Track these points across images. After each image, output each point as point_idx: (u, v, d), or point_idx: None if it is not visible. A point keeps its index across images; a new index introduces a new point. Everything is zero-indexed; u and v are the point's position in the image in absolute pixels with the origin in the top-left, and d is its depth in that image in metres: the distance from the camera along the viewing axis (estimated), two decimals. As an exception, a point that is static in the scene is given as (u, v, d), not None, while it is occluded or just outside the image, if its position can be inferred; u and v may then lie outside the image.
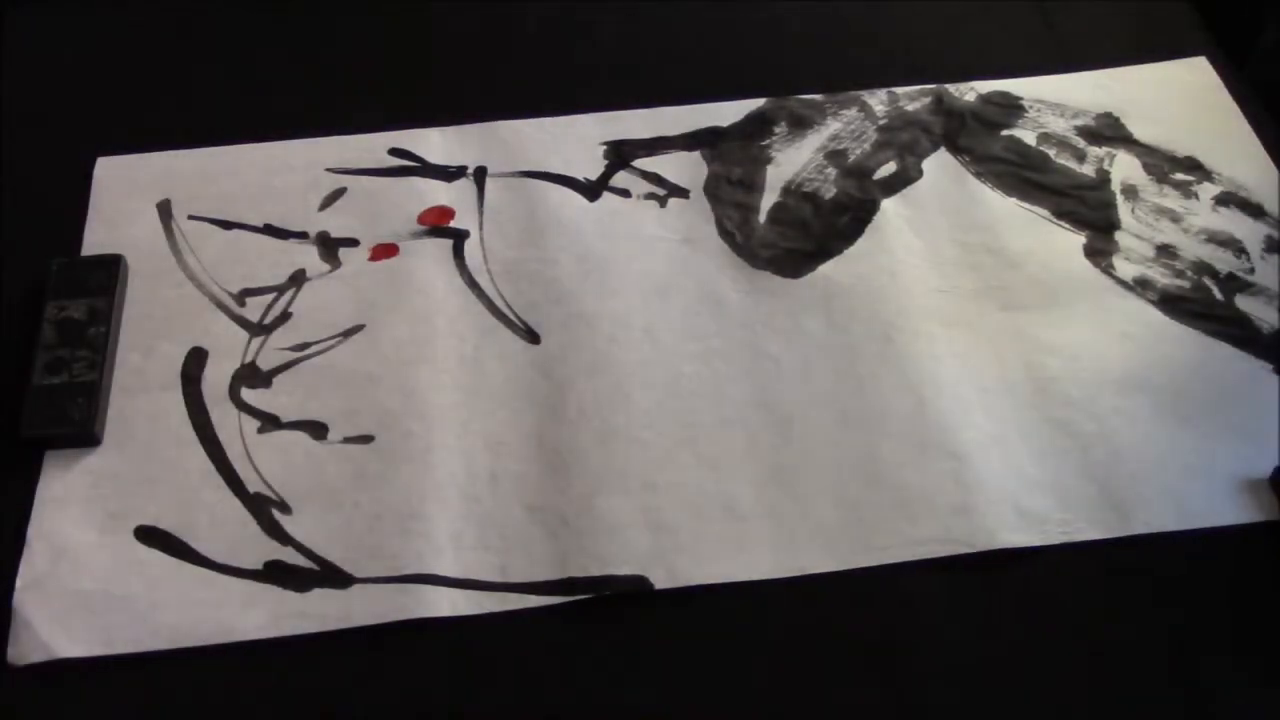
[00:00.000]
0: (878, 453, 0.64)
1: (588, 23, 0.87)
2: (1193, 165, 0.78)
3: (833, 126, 0.80)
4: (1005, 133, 0.80)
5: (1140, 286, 0.72)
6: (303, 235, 0.73)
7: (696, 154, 0.78)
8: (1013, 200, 0.76)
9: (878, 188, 0.77)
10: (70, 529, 0.61)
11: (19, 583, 0.59)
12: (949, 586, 0.60)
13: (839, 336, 0.69)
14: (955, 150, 0.79)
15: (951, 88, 0.82)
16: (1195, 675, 0.57)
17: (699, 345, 0.69)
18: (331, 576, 0.60)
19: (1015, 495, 0.63)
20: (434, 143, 0.78)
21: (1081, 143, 0.79)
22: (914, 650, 0.58)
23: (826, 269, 0.72)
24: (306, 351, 0.68)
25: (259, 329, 0.69)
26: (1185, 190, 0.76)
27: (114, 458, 0.64)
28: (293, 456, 0.64)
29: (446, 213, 0.75)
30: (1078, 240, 0.74)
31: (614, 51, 0.85)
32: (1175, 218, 0.75)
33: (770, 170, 0.77)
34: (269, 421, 0.65)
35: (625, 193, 0.76)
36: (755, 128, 0.80)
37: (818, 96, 0.82)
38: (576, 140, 0.79)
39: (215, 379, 0.67)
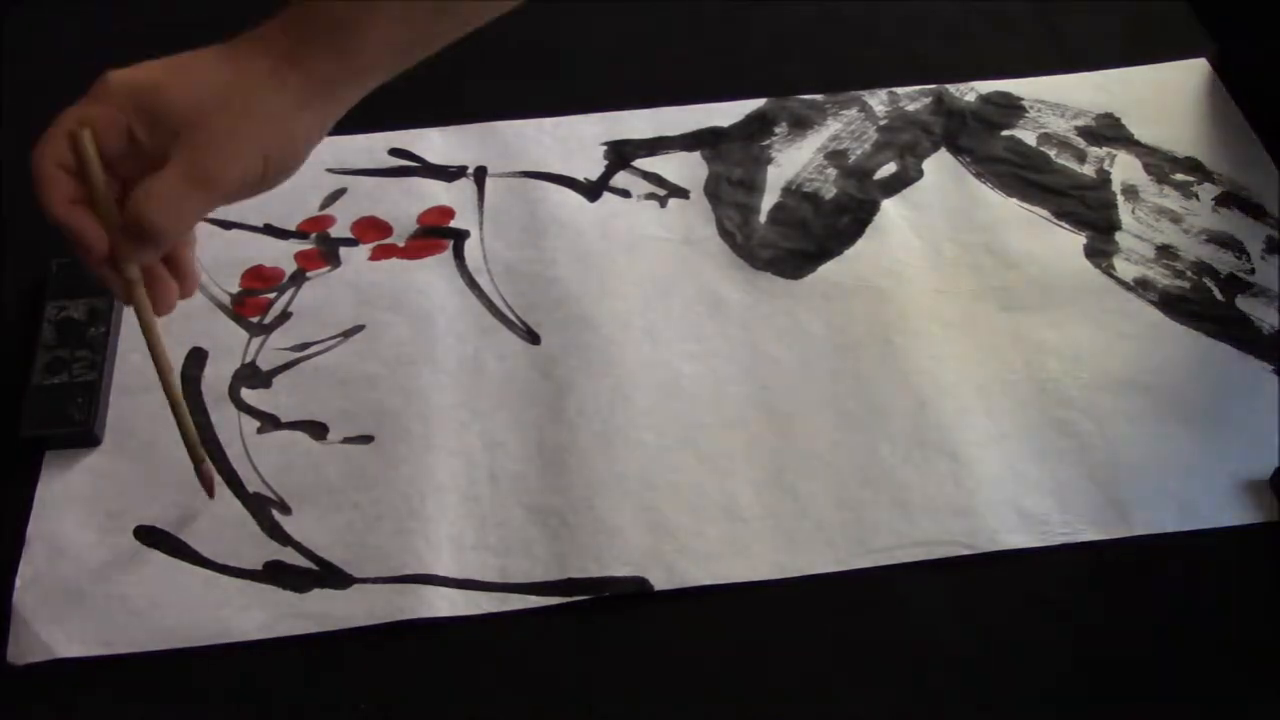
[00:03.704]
0: (878, 453, 0.64)
1: (588, 23, 0.87)
2: (1193, 166, 0.78)
3: (833, 127, 0.80)
4: (1006, 133, 0.80)
5: (1141, 287, 0.72)
6: (303, 235, 0.74)
7: (697, 154, 0.78)
8: (1013, 201, 0.76)
9: (878, 188, 0.77)
10: (70, 529, 0.61)
11: (19, 582, 0.59)
12: (949, 587, 0.60)
13: (839, 337, 0.69)
14: (956, 150, 0.79)
15: (952, 88, 0.82)
16: (1195, 676, 0.57)
17: (699, 345, 0.69)
18: (331, 577, 0.60)
19: (1015, 496, 0.62)
20: (434, 143, 0.78)
21: (1082, 143, 0.79)
22: (914, 650, 0.58)
23: (827, 269, 0.72)
24: (306, 351, 0.68)
25: (259, 329, 0.69)
26: (1186, 191, 0.76)
27: (114, 458, 0.64)
28: (293, 456, 0.64)
29: (446, 213, 0.75)
30: (1078, 241, 0.74)
31: (614, 51, 0.85)
32: (1176, 218, 0.75)
33: (771, 170, 0.77)
34: (269, 421, 0.65)
35: (625, 193, 0.76)
36: (756, 128, 0.80)
37: (818, 96, 0.82)
38: (576, 140, 0.79)
39: (215, 379, 0.67)
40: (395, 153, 0.78)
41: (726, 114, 0.80)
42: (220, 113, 0.49)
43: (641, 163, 0.78)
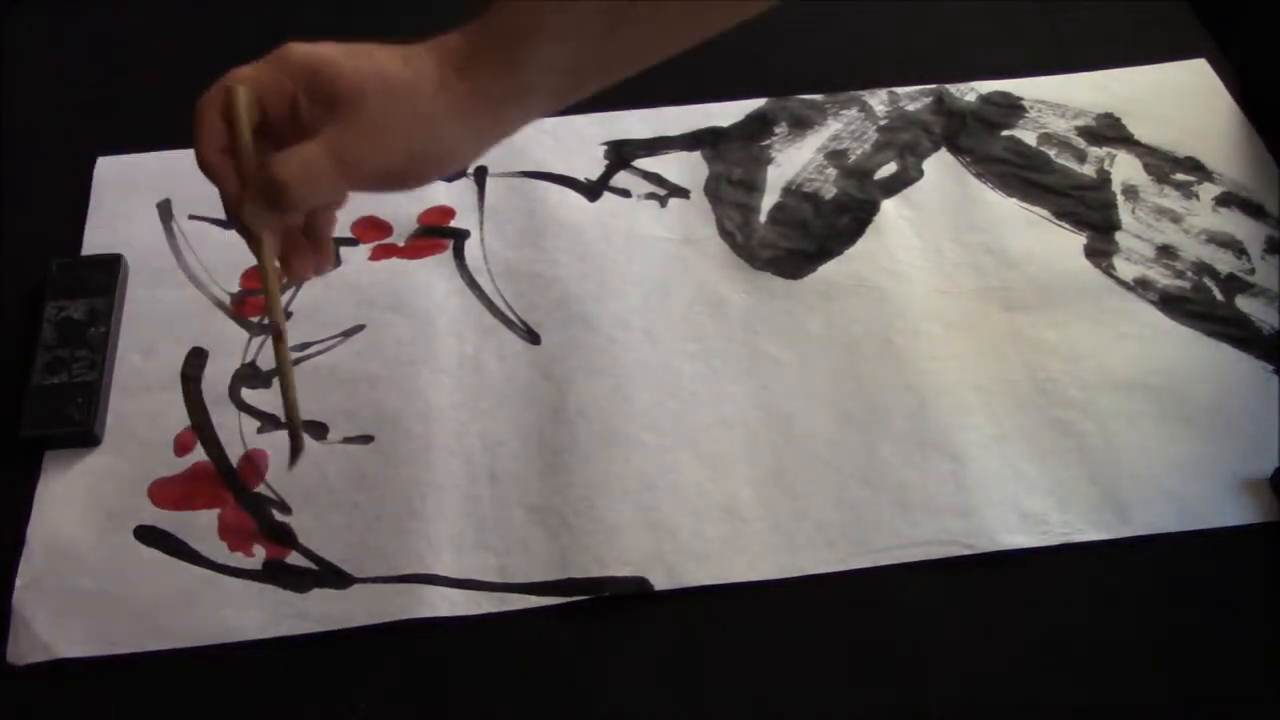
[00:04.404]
0: (877, 453, 0.64)
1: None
2: (1193, 166, 0.78)
3: (833, 127, 0.80)
4: (1006, 133, 0.80)
5: (1141, 287, 0.72)
6: (303, 235, 0.74)
7: (697, 154, 0.78)
8: (1013, 201, 0.76)
9: (878, 188, 0.77)
10: (70, 529, 0.61)
11: (19, 582, 0.59)
12: (949, 587, 0.60)
13: (839, 337, 0.69)
14: (956, 150, 0.79)
15: (952, 88, 0.82)
16: (1195, 676, 0.57)
17: (699, 345, 0.69)
18: (331, 576, 0.60)
19: (1015, 496, 0.62)
20: (434, 143, 0.78)
21: (1082, 143, 0.79)
22: (914, 650, 0.58)
23: (827, 269, 0.72)
24: (306, 351, 0.68)
25: (259, 329, 0.69)
26: (1186, 191, 0.76)
27: (114, 458, 0.64)
28: (293, 456, 0.64)
29: (446, 212, 0.75)
30: (1078, 241, 0.74)
31: (614, 51, 0.85)
32: (1176, 218, 0.75)
33: (771, 170, 0.77)
34: (269, 421, 0.65)
35: (625, 193, 0.76)
36: (756, 128, 0.80)
37: (818, 96, 0.82)
38: (576, 140, 0.79)
39: (215, 379, 0.67)
40: (395, 153, 0.78)
41: (726, 114, 0.80)
42: (379, 99, 0.50)
43: (641, 163, 0.78)
